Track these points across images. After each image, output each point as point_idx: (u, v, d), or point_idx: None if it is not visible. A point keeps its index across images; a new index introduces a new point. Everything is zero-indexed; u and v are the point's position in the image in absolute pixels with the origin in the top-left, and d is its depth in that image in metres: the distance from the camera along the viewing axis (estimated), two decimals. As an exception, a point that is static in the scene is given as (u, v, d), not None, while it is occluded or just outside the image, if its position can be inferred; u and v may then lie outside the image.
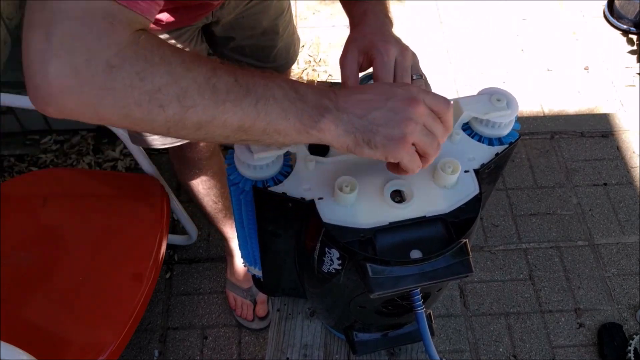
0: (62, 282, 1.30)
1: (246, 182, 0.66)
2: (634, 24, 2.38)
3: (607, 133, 2.11)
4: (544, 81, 2.27)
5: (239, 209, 0.73)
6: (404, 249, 0.62)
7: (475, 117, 0.71)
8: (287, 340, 0.93)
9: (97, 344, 1.22)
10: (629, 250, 1.83)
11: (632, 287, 1.76)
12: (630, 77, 2.29)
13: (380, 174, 0.68)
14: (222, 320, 1.67)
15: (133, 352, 1.60)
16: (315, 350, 0.91)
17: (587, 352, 1.64)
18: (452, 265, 0.61)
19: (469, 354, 1.63)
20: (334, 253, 0.64)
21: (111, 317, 1.26)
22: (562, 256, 1.82)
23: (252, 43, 1.19)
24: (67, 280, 1.31)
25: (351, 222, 0.63)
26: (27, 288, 1.29)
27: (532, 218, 1.89)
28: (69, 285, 1.30)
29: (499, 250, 1.82)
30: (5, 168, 1.95)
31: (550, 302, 1.73)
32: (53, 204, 1.44)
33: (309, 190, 0.66)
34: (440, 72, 2.26)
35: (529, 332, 1.67)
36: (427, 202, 0.65)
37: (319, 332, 0.93)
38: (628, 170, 2.01)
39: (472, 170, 0.67)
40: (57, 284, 1.30)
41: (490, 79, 2.22)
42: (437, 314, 1.69)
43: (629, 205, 1.93)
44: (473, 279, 1.76)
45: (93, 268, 1.33)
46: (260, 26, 1.16)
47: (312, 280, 0.77)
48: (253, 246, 0.80)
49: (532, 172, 2.00)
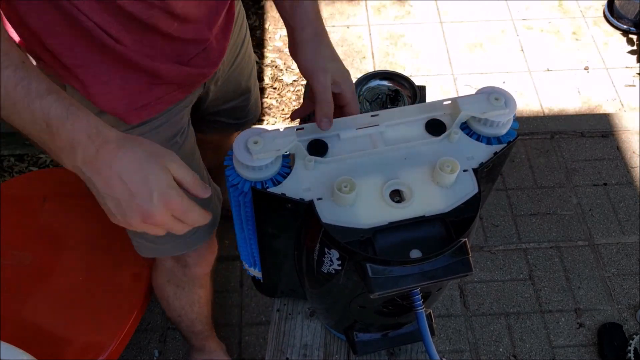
0: (62, 282, 1.31)
1: (245, 183, 0.66)
2: (634, 24, 2.37)
3: (607, 133, 2.11)
4: (544, 81, 2.27)
5: (238, 211, 0.73)
6: (403, 249, 0.62)
7: (473, 117, 0.71)
8: (287, 340, 0.93)
9: (97, 344, 1.22)
10: (629, 250, 1.83)
11: (632, 287, 1.76)
12: (630, 77, 2.29)
13: (380, 173, 0.68)
14: (222, 320, 1.67)
15: (133, 352, 1.60)
16: (315, 351, 0.91)
17: (587, 352, 1.64)
18: (452, 264, 0.61)
19: (469, 354, 1.63)
20: (333, 253, 0.64)
21: (111, 317, 1.26)
22: (562, 256, 1.82)
23: (231, 106, 1.17)
24: (67, 280, 1.31)
25: (350, 222, 0.63)
26: (27, 288, 1.29)
27: (532, 218, 1.89)
28: (69, 285, 1.30)
29: (499, 250, 1.82)
30: (5, 168, 1.95)
31: (550, 302, 1.73)
32: (53, 204, 1.44)
33: (308, 190, 0.66)
34: (440, 72, 2.26)
35: (529, 332, 1.67)
36: (426, 201, 0.65)
37: (319, 332, 0.93)
38: (628, 170, 2.01)
39: (471, 169, 0.67)
40: (57, 284, 1.30)
41: (490, 79, 2.22)
42: (437, 314, 1.69)
43: (629, 205, 1.93)
44: (473, 279, 1.76)
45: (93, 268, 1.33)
46: (240, 88, 1.15)
47: (312, 280, 0.77)
48: (252, 247, 0.80)
49: (532, 172, 2.00)
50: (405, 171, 0.68)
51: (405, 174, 0.68)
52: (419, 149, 0.70)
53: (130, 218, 0.59)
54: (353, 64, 2.27)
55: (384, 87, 1.23)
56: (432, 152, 0.70)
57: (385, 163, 0.69)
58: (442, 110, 0.74)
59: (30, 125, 0.55)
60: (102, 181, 0.57)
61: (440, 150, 0.70)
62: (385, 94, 1.22)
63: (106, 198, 0.59)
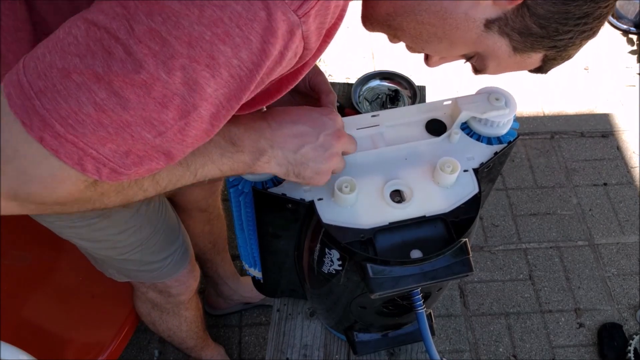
0: (62, 282, 1.30)
1: (245, 183, 0.66)
2: (634, 24, 2.37)
3: (607, 133, 2.11)
4: (544, 81, 2.26)
5: (238, 211, 0.73)
6: (404, 249, 0.62)
7: (474, 117, 0.71)
8: (287, 340, 0.93)
9: (97, 344, 1.21)
10: (629, 250, 1.83)
11: (632, 287, 1.76)
12: (630, 77, 2.29)
13: (380, 174, 0.68)
14: (222, 320, 1.67)
15: (133, 352, 1.60)
16: (315, 351, 0.91)
17: (587, 352, 1.64)
18: (452, 264, 0.61)
19: (469, 354, 1.63)
20: (334, 254, 0.64)
21: (111, 317, 1.25)
22: (562, 256, 1.81)
23: None
24: (67, 280, 1.30)
25: (351, 222, 0.63)
26: (27, 288, 1.29)
27: (532, 218, 1.89)
28: (69, 285, 1.30)
29: (499, 250, 1.82)
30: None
31: (550, 302, 1.73)
32: (53, 204, 1.43)
33: (308, 190, 0.66)
34: (440, 72, 2.26)
35: (529, 332, 1.67)
36: (426, 201, 0.65)
37: (319, 332, 0.93)
38: (628, 170, 2.01)
39: (472, 169, 0.67)
40: (57, 284, 1.30)
41: (490, 79, 2.21)
42: (437, 314, 1.69)
43: (629, 205, 1.93)
44: (473, 279, 1.76)
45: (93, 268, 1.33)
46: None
47: (312, 281, 0.77)
48: (253, 248, 0.80)
49: (532, 172, 2.00)
50: (405, 171, 0.68)
51: (406, 174, 0.68)
52: (420, 149, 0.70)
53: (323, 164, 0.62)
54: (353, 64, 2.27)
55: (384, 87, 1.23)
56: (433, 152, 0.70)
57: (386, 163, 0.69)
58: (443, 111, 0.74)
59: (218, 158, 0.56)
60: (292, 147, 0.60)
61: (441, 151, 0.70)
62: (385, 94, 1.22)
63: (302, 164, 0.61)
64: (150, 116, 0.42)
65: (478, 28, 0.53)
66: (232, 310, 1.66)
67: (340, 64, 2.29)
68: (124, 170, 0.44)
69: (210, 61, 0.42)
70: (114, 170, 0.44)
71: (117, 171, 0.44)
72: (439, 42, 0.56)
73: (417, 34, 0.56)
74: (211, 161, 0.56)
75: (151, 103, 0.42)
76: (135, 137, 0.43)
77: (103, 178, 0.44)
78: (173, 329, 1.27)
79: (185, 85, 0.42)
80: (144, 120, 0.42)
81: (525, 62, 0.57)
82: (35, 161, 0.42)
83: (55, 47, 0.42)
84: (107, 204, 0.50)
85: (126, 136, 0.42)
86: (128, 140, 0.43)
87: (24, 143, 0.41)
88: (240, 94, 0.45)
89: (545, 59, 0.57)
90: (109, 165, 0.43)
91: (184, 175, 0.54)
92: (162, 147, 0.45)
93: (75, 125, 0.41)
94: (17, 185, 0.43)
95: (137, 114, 0.42)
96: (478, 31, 0.53)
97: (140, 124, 0.42)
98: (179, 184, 0.55)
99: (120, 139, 0.42)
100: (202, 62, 0.41)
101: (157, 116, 0.42)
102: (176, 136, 0.44)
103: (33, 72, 0.41)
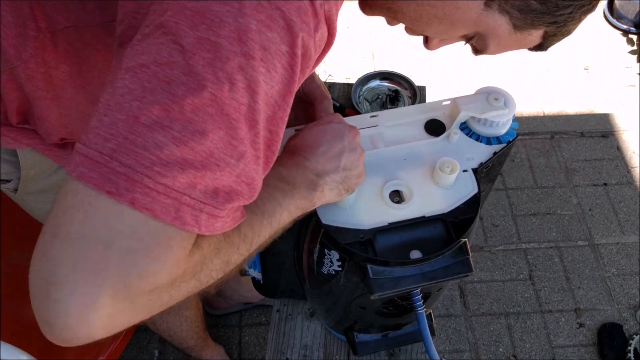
0: (62, 283, 1.30)
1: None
2: (634, 24, 2.37)
3: (607, 133, 2.11)
4: (544, 81, 2.26)
5: (238, 210, 0.73)
6: (403, 250, 0.62)
7: (473, 117, 0.71)
8: (287, 340, 0.93)
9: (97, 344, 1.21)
10: (629, 250, 1.83)
11: (632, 287, 1.76)
12: (630, 77, 2.29)
13: (379, 174, 0.68)
14: (222, 320, 1.67)
15: (133, 352, 1.60)
16: (315, 351, 0.91)
17: (587, 352, 1.64)
18: (452, 265, 0.61)
19: (469, 354, 1.63)
20: (333, 254, 0.64)
21: (111, 318, 1.25)
22: (562, 256, 1.81)
23: None
24: (67, 281, 1.30)
25: (350, 223, 0.63)
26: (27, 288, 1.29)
27: (532, 218, 1.89)
28: (69, 286, 1.30)
29: (499, 250, 1.82)
30: (5, 168, 1.95)
31: (550, 302, 1.73)
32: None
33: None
34: (440, 72, 2.26)
35: (529, 332, 1.67)
36: (426, 202, 0.65)
37: (319, 332, 0.93)
38: (628, 170, 2.01)
39: (471, 169, 0.67)
40: (57, 285, 1.30)
41: (490, 79, 2.22)
42: (437, 314, 1.69)
43: (629, 205, 1.93)
44: (473, 279, 1.76)
45: (93, 268, 1.33)
46: None
47: (312, 281, 0.77)
48: (252, 247, 0.80)
49: (532, 172, 2.00)
50: (405, 172, 0.68)
51: (405, 174, 0.68)
52: (419, 149, 0.70)
53: (359, 164, 0.63)
54: (353, 64, 2.27)
55: (384, 87, 1.23)
56: (432, 153, 0.70)
57: (385, 164, 0.69)
58: (442, 111, 0.74)
59: (282, 199, 0.56)
60: (333, 166, 0.61)
61: (440, 151, 0.70)
62: (385, 94, 1.22)
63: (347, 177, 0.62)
64: (227, 135, 0.39)
65: (478, 7, 0.53)
66: (232, 310, 1.66)
67: (340, 64, 2.29)
68: (219, 212, 0.41)
69: (264, 53, 0.40)
70: (210, 215, 0.40)
71: (213, 214, 0.40)
72: (439, 23, 0.56)
73: (417, 16, 0.56)
74: (278, 205, 0.55)
75: (225, 120, 0.39)
76: (221, 165, 0.39)
77: (202, 227, 0.40)
78: (173, 328, 1.27)
79: (248, 89, 0.40)
80: (224, 144, 0.39)
81: (525, 39, 0.57)
82: (134, 232, 0.37)
83: (110, 108, 0.38)
84: (211, 273, 0.46)
85: (213, 167, 0.39)
86: (216, 172, 0.39)
87: (115, 216, 0.36)
88: (291, 87, 0.44)
89: (545, 36, 0.57)
90: (205, 210, 0.40)
91: (261, 223, 0.52)
92: (244, 174, 0.42)
93: (163, 172, 0.37)
94: (123, 271, 0.37)
95: (216, 136, 0.39)
96: (478, 10, 0.53)
97: (222, 148, 0.39)
98: (262, 236, 0.53)
99: (208, 172, 0.39)
100: (257, 56, 0.39)
101: (233, 133, 0.40)
102: (251, 153, 0.42)
103: (97, 140, 0.37)
